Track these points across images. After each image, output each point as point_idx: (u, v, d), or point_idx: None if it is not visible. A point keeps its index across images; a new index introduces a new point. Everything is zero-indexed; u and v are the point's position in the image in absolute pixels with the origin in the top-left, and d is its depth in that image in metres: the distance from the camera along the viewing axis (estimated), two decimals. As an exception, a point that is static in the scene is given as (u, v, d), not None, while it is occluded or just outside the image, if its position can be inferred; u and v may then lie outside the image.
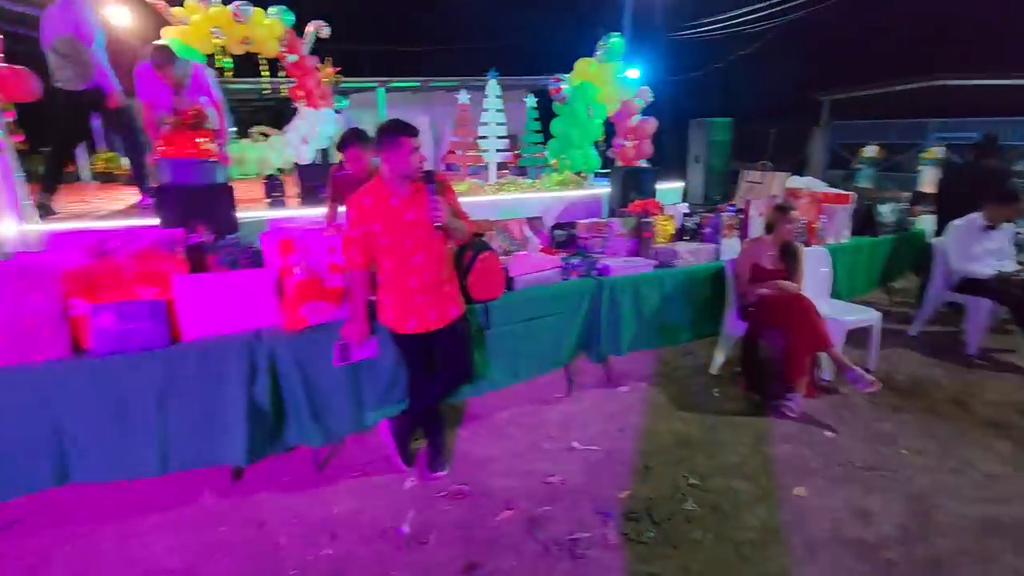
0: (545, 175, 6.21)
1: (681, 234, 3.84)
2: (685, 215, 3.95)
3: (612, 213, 5.33)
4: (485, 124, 5.83)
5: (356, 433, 2.66)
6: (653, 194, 5.24)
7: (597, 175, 6.34)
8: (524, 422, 3.02)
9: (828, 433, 2.86)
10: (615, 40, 6.36)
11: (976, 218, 3.94)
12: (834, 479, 2.49)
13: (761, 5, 10.70)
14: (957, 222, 4.01)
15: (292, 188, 5.51)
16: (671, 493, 2.40)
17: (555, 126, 6.40)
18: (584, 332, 3.23)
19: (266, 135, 7.42)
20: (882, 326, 3.58)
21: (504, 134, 5.89)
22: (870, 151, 9.42)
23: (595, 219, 3.67)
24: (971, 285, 3.87)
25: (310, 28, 6.58)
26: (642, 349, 3.50)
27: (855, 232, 4.44)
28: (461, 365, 2.55)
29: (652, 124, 6.70)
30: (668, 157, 7.41)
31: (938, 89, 12.57)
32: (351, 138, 3.01)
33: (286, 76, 6.72)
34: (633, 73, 7.02)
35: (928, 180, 7.94)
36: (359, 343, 2.42)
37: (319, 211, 3.35)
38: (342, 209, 2.86)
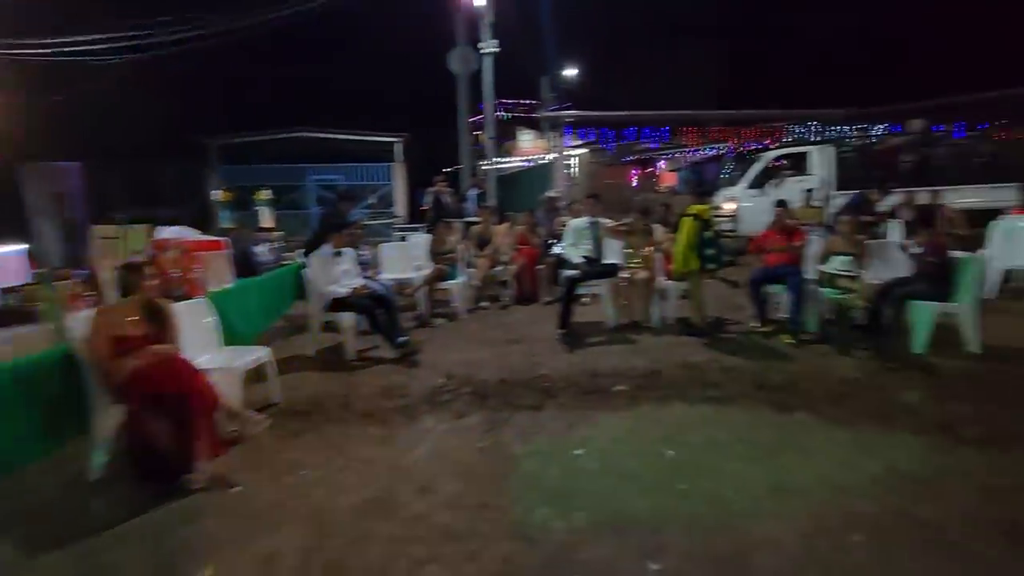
0: None
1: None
2: (3, 291, 2.98)
3: None
4: None
5: None
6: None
7: None
8: None
9: (234, 489, 2.76)
10: None
11: (327, 247, 4.77)
12: (240, 538, 2.39)
13: (102, 36, 9.52)
14: (314, 253, 4.75)
15: None
16: None
17: None
18: None
19: None
20: (283, 355, 3.81)
21: None
22: (216, 195, 10.28)
23: None
24: (336, 303, 4.68)
25: None
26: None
27: (240, 274, 4.59)
28: None
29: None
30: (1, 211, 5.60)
31: (309, 139, 15.50)
32: None
33: None
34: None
35: (265, 217, 9.38)
36: None
37: None
38: None
